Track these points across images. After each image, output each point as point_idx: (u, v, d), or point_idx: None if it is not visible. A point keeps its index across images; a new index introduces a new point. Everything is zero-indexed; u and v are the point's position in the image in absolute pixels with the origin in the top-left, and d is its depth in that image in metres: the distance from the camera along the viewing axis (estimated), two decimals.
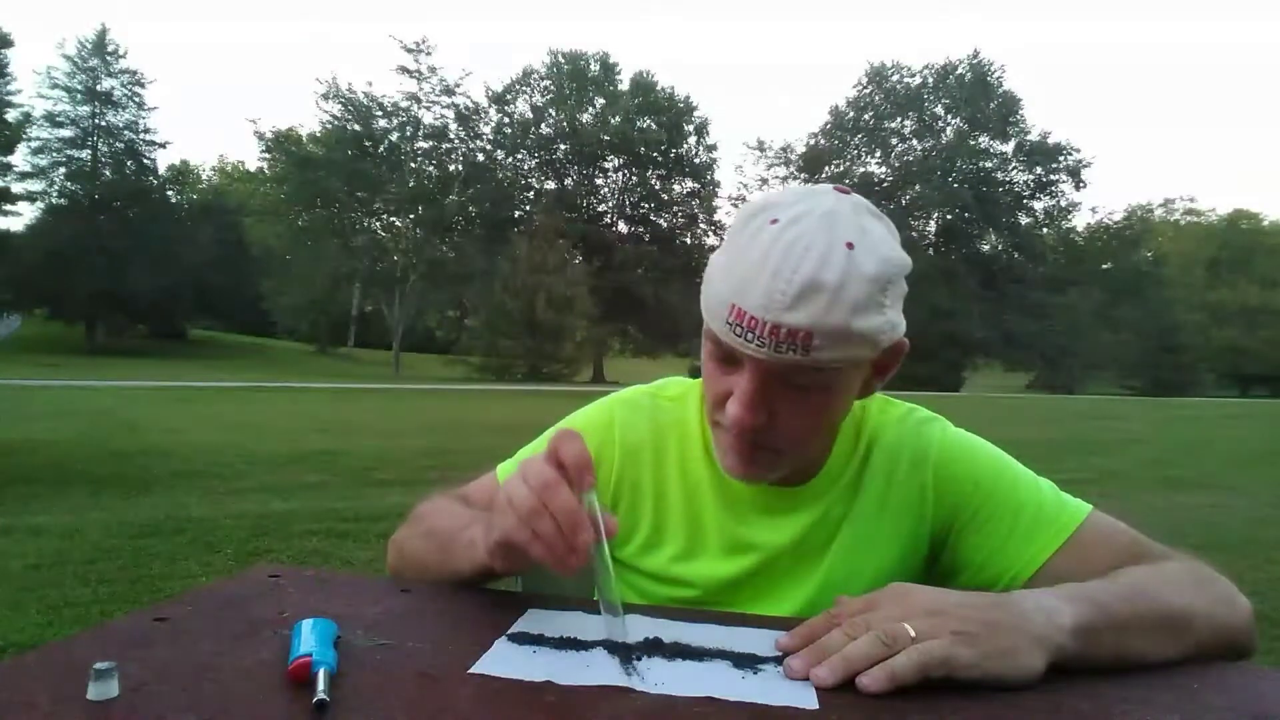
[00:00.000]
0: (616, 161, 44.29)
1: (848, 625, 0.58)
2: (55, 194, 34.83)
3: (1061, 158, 47.52)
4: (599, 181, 45.25)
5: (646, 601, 0.87)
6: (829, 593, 0.81)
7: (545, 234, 32.98)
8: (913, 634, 0.56)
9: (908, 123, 49.27)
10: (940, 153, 48.17)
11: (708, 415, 0.80)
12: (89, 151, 35.04)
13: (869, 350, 0.69)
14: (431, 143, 39.17)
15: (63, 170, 34.83)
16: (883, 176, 49.75)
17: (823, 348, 0.66)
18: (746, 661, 0.59)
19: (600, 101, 43.97)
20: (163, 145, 37.91)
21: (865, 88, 49.73)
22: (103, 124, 35.13)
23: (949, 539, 0.83)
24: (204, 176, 61.27)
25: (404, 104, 37.37)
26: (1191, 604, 0.67)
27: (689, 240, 45.29)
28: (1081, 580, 0.70)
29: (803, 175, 49.65)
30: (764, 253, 0.67)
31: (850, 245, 0.67)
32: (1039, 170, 48.28)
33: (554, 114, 43.38)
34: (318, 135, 37.50)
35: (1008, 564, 0.78)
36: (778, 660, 0.59)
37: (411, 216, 37.74)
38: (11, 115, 32.17)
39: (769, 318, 0.65)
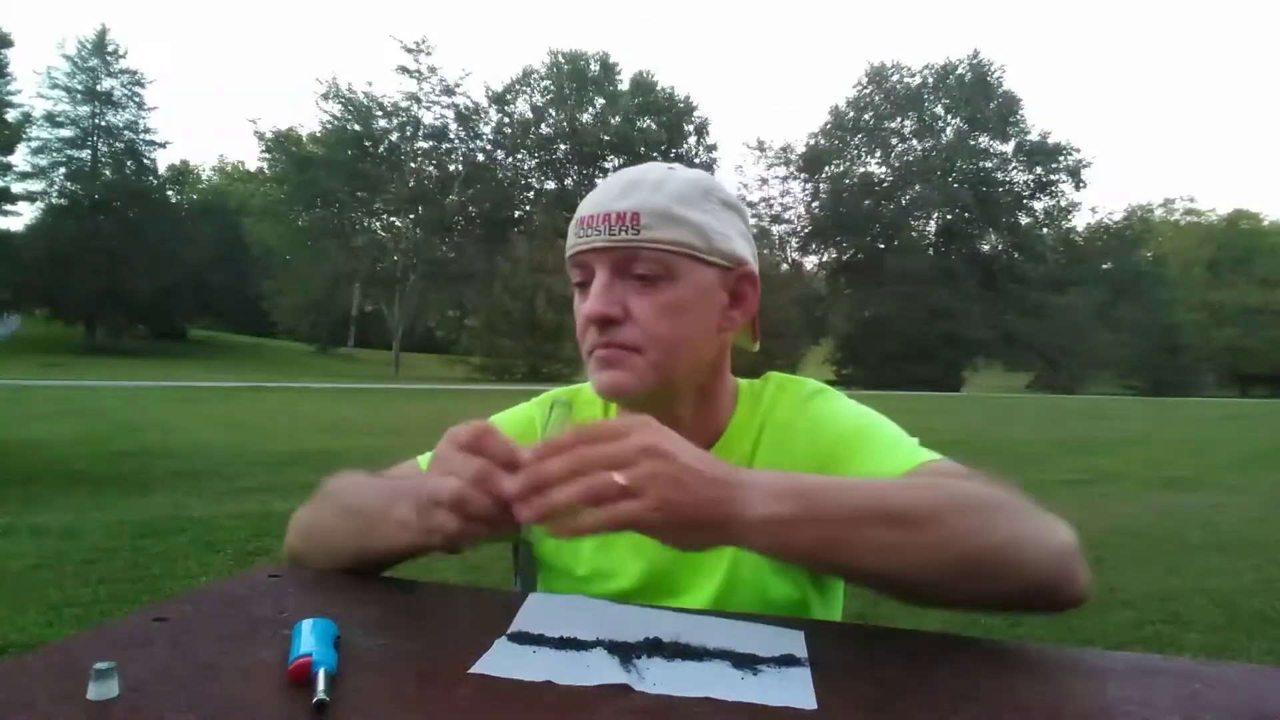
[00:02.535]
0: (616, 161, 44.28)
1: (574, 460, 0.58)
2: (55, 194, 34.86)
3: (1061, 158, 47.57)
4: (599, 181, 45.13)
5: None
6: (742, 568, 0.81)
7: (545, 234, 33.00)
8: (622, 483, 0.56)
9: (908, 123, 49.32)
10: (940, 153, 48.20)
11: (582, 351, 0.83)
12: (89, 151, 35.06)
13: (699, 240, 0.78)
14: (431, 143, 39.22)
15: (63, 170, 34.85)
16: (883, 176, 49.80)
17: (651, 227, 0.76)
18: (746, 661, 0.59)
19: (600, 101, 44.02)
20: (163, 145, 38.03)
21: (865, 88, 49.78)
22: (103, 124, 35.16)
23: None
24: (204, 176, 61.32)
25: (404, 104, 37.47)
26: (962, 518, 0.61)
27: None
28: None
29: (803, 175, 49.70)
30: (600, 184, 0.83)
31: (671, 168, 0.82)
32: (1039, 170, 48.33)
33: (554, 114, 43.43)
34: (318, 135, 37.54)
35: None
36: (778, 661, 0.59)
37: (411, 216, 37.78)
38: (11, 115, 32.16)
39: (601, 209, 0.78)
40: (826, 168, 50.09)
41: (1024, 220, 49.56)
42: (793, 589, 0.82)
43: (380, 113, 37.36)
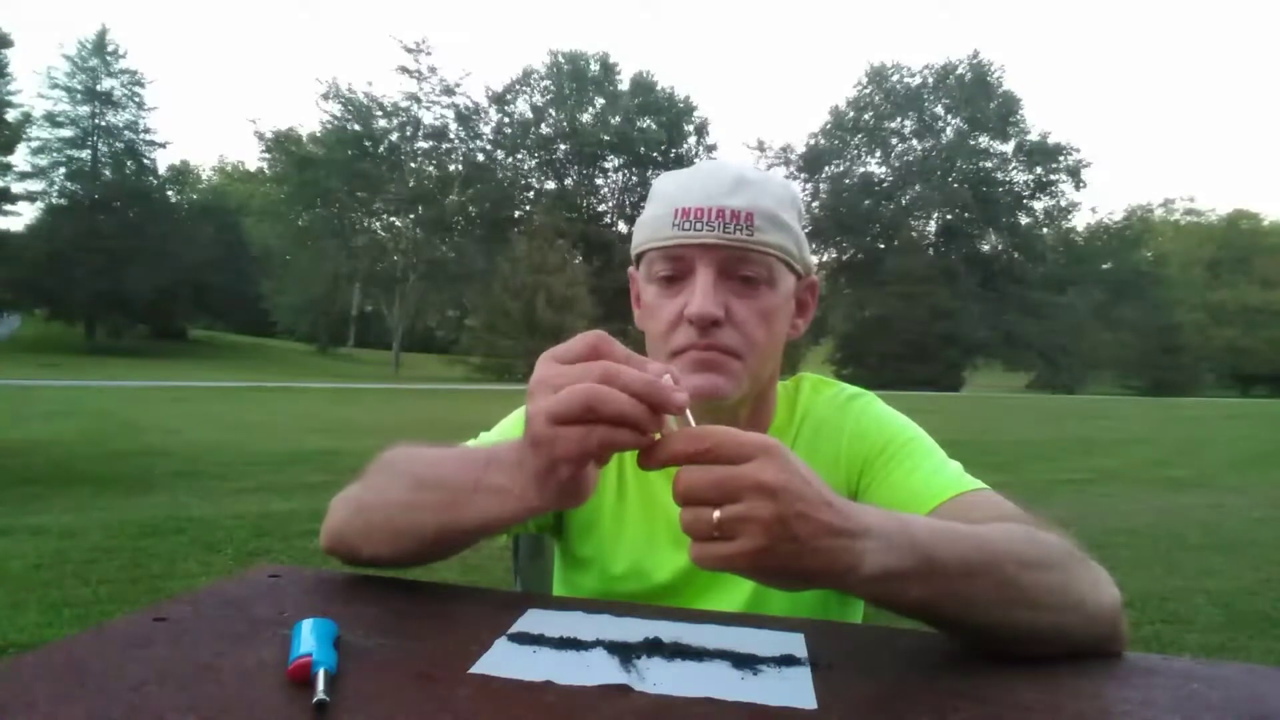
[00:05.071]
0: (616, 161, 44.38)
1: (684, 484, 0.52)
2: (55, 194, 34.92)
3: (1061, 158, 47.56)
4: (599, 181, 45.36)
5: (606, 595, 0.87)
6: None
7: (545, 234, 32.98)
8: (716, 518, 0.50)
9: (908, 123, 49.32)
10: (940, 153, 48.20)
11: (658, 351, 0.80)
12: (89, 151, 35.09)
13: (795, 247, 0.79)
14: (431, 143, 39.24)
15: (63, 170, 34.91)
16: (883, 176, 49.80)
17: (763, 229, 0.76)
18: (746, 662, 0.59)
19: (600, 101, 44.03)
20: (163, 145, 38.15)
21: (865, 88, 49.79)
22: (103, 124, 35.20)
23: (858, 500, 0.84)
24: (204, 176, 61.40)
25: (404, 104, 37.47)
26: (1051, 575, 0.62)
27: None
28: None
29: (803, 175, 49.67)
30: (694, 170, 0.80)
31: (757, 168, 0.82)
32: (1039, 170, 48.33)
33: (554, 114, 43.45)
34: (318, 135, 37.54)
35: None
36: (777, 661, 0.59)
37: (411, 216, 37.80)
38: (11, 115, 32.15)
39: (713, 204, 0.75)
40: (826, 168, 50.09)
41: (1024, 220, 49.57)
42: (825, 590, 0.82)
43: (380, 113, 37.39)
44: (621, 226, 44.58)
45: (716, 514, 0.50)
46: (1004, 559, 0.60)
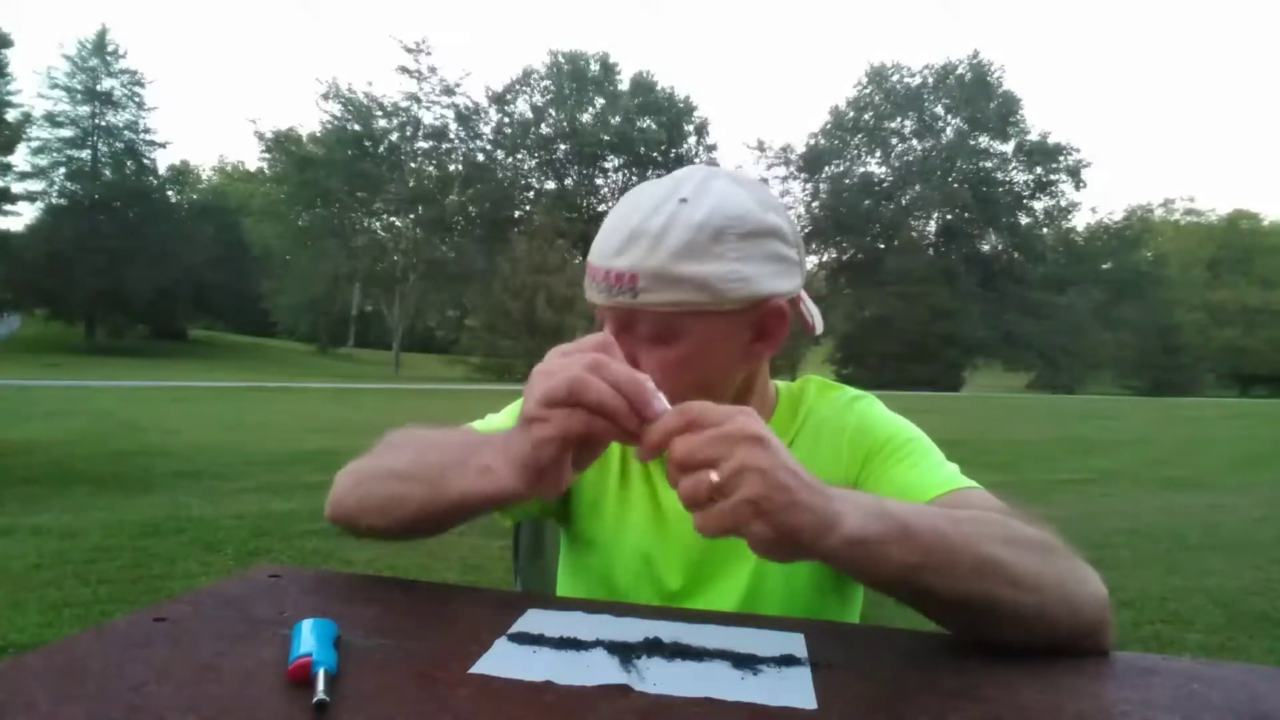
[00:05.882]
0: (616, 161, 44.35)
1: (680, 453, 0.55)
2: (55, 194, 34.94)
3: (1061, 158, 47.53)
4: (599, 181, 45.33)
5: (611, 575, 0.87)
6: (766, 567, 0.81)
7: (545, 234, 32.99)
8: (713, 479, 0.53)
9: (908, 123, 49.29)
10: (940, 153, 48.18)
11: None
12: (89, 151, 35.11)
13: (707, 297, 0.72)
14: (431, 143, 39.25)
15: (63, 170, 34.93)
16: (883, 176, 49.78)
17: (648, 290, 0.71)
18: (746, 662, 0.59)
19: (600, 101, 44.03)
20: (163, 145, 38.17)
21: (865, 88, 49.76)
22: (103, 124, 35.22)
23: None
24: (204, 176, 61.35)
25: (404, 104, 37.48)
26: (1030, 555, 0.63)
27: None
28: None
29: (803, 175, 49.67)
30: (613, 212, 0.76)
31: (684, 200, 0.72)
32: (1039, 170, 48.30)
33: (554, 114, 43.44)
34: (318, 135, 37.54)
35: None
36: (777, 661, 0.59)
37: (411, 216, 37.81)
38: (11, 115, 32.15)
39: (602, 264, 0.73)
40: (826, 168, 50.06)
41: (1024, 220, 49.53)
42: (820, 581, 0.83)
43: (380, 113, 37.39)
44: None
45: (714, 475, 0.53)
46: (978, 536, 0.62)
